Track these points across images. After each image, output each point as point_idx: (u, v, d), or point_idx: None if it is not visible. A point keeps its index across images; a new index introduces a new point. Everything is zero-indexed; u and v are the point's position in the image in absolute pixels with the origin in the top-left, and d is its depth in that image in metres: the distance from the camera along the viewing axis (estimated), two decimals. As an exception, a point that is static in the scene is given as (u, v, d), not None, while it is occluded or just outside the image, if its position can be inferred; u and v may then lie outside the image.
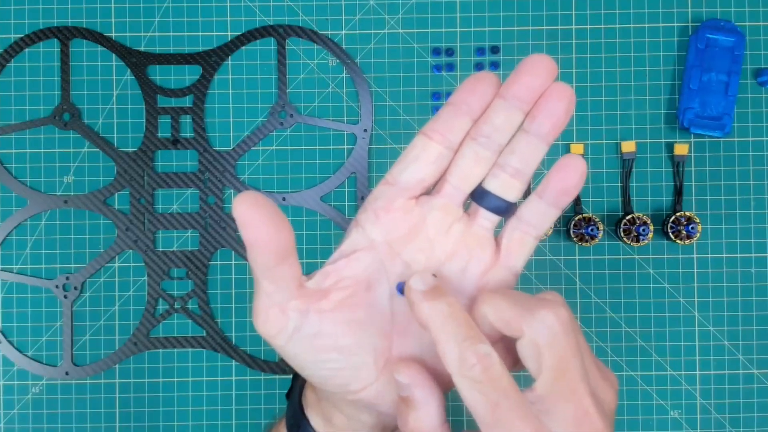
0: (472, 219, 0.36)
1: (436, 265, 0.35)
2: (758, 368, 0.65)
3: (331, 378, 0.34)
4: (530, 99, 0.34)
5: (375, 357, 0.34)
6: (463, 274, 0.35)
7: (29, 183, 0.66)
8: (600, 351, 0.65)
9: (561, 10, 0.66)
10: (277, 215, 0.31)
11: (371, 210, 0.35)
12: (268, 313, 0.33)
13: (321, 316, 0.34)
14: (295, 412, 0.39)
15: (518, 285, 0.33)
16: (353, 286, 0.35)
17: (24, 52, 0.66)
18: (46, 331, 0.65)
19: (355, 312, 0.34)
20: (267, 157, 0.66)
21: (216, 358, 0.65)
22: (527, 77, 0.33)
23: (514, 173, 0.34)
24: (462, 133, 0.35)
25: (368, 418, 0.37)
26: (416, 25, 0.66)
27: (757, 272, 0.65)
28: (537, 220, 0.35)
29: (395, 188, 0.35)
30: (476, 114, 0.35)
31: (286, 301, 0.33)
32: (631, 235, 0.64)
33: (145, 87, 0.66)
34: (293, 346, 0.34)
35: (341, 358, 0.34)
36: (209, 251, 0.66)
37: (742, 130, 0.66)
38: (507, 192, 0.35)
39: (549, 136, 0.34)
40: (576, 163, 0.34)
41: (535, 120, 0.34)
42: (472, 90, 0.34)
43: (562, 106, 0.33)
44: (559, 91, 0.33)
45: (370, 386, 0.35)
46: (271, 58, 0.66)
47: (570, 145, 0.65)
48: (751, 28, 0.66)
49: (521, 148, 0.34)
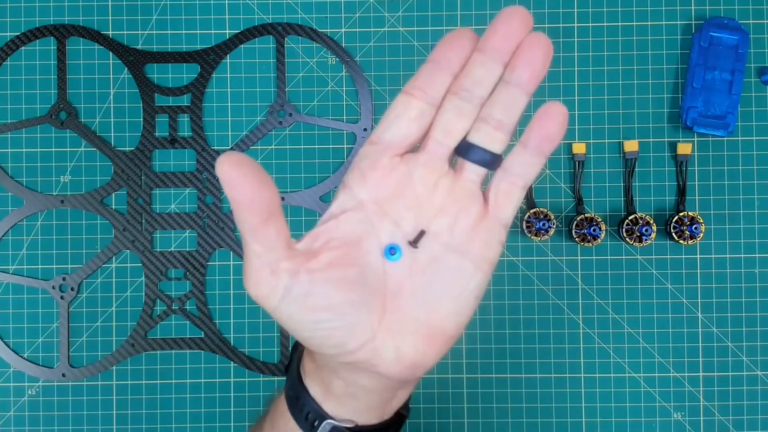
0: (459, 173, 0.36)
1: (425, 221, 0.36)
2: (762, 370, 0.64)
3: (326, 338, 0.35)
4: (508, 50, 0.34)
5: (369, 315, 0.35)
6: (453, 229, 0.36)
7: (25, 183, 0.65)
8: (602, 352, 0.65)
9: (563, 7, 0.66)
10: (260, 174, 0.32)
11: (357, 170, 0.36)
12: (259, 274, 0.34)
13: (312, 276, 0.34)
14: (294, 383, 0.39)
15: (519, 280, 0.33)
16: (343, 247, 0.35)
17: (20, 51, 0.65)
18: (43, 332, 0.65)
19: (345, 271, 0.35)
20: (266, 157, 0.65)
21: (214, 359, 0.65)
22: (503, 28, 0.34)
23: (497, 125, 0.35)
24: (443, 89, 0.35)
25: (367, 382, 0.37)
26: (416, 23, 0.66)
27: (761, 273, 0.65)
28: (523, 170, 0.36)
29: (380, 147, 0.35)
30: (456, 69, 0.35)
31: (276, 261, 0.33)
32: (634, 236, 0.63)
33: (143, 86, 0.65)
34: (286, 307, 0.34)
35: (335, 317, 0.34)
36: (207, 251, 0.65)
37: (745, 129, 0.65)
38: (491, 144, 0.35)
39: (529, 86, 0.34)
40: (557, 110, 0.35)
41: (514, 70, 0.34)
42: (450, 45, 0.35)
43: (539, 53, 0.34)
44: (536, 40, 0.34)
45: (367, 345, 0.35)
46: (270, 57, 0.66)
47: (572, 144, 0.65)
48: (755, 26, 0.65)
49: (502, 99, 0.35)
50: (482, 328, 0.65)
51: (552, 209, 0.64)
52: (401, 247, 0.35)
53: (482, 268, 0.36)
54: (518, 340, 0.65)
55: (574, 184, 0.65)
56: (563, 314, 0.65)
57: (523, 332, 0.65)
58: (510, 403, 0.65)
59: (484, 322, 0.65)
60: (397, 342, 0.35)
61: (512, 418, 0.64)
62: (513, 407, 0.65)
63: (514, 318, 0.65)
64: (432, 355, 0.36)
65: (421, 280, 0.35)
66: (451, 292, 0.35)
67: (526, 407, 0.65)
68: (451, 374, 0.65)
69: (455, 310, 0.36)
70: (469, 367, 0.65)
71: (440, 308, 0.35)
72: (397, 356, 0.35)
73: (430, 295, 0.35)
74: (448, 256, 0.35)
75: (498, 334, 0.65)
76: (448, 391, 0.65)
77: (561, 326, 0.65)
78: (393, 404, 0.39)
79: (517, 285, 0.65)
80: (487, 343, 0.65)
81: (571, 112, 0.65)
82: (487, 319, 0.65)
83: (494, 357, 0.65)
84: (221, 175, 0.31)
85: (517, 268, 0.65)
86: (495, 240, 0.36)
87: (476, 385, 0.65)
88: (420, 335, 0.35)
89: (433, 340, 0.35)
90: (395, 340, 0.35)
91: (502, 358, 0.65)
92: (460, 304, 0.36)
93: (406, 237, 0.35)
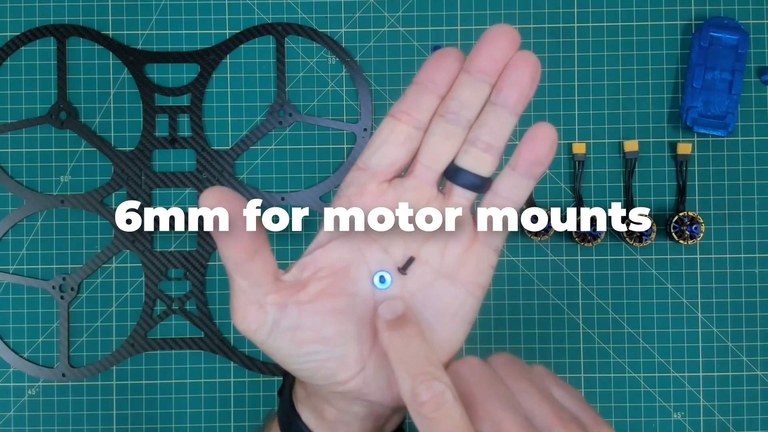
0: (448, 198, 0.35)
1: (415, 247, 0.35)
2: (762, 370, 0.64)
3: (316, 370, 0.34)
4: (495, 71, 0.33)
5: (359, 344, 0.34)
6: (443, 254, 0.35)
7: (25, 182, 0.65)
8: (602, 353, 0.65)
9: (563, 7, 0.66)
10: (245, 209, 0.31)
11: (344, 197, 0.35)
12: (246, 309, 0.33)
13: (300, 308, 0.33)
14: (287, 409, 0.39)
15: (519, 280, 0.33)
16: (332, 276, 0.34)
17: (20, 50, 0.65)
18: (43, 332, 0.65)
19: (335, 301, 0.34)
20: (266, 157, 0.65)
21: (214, 359, 0.65)
22: (489, 49, 0.33)
23: (485, 148, 0.34)
24: (430, 112, 0.34)
25: (359, 409, 0.36)
26: (416, 23, 0.66)
27: (761, 273, 0.65)
28: (512, 193, 0.35)
29: (367, 173, 0.35)
30: (442, 91, 0.34)
31: (262, 295, 0.33)
32: (634, 236, 0.63)
33: (143, 86, 0.65)
34: (274, 341, 0.33)
35: (325, 349, 0.34)
36: (207, 251, 0.65)
37: (745, 129, 0.65)
38: (480, 167, 0.34)
39: (517, 107, 0.33)
40: (546, 132, 0.34)
41: (501, 92, 0.33)
42: (436, 67, 0.34)
43: (527, 74, 0.33)
44: (522, 59, 0.33)
45: (358, 375, 0.34)
46: (270, 57, 0.66)
47: (572, 144, 0.65)
48: (755, 25, 0.65)
49: (490, 121, 0.34)
50: (482, 328, 0.65)
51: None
52: (391, 275, 0.35)
53: (474, 293, 0.35)
54: (518, 340, 0.65)
55: (574, 184, 0.65)
56: (563, 314, 0.65)
57: (523, 332, 0.65)
58: (510, 403, 0.65)
59: (484, 322, 0.65)
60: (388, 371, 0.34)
61: (512, 418, 0.64)
62: (513, 407, 0.65)
63: (514, 318, 0.65)
64: None
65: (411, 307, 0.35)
66: (443, 318, 0.35)
67: (526, 407, 0.64)
68: (451, 374, 0.65)
69: (447, 336, 0.35)
70: (469, 367, 0.65)
71: (432, 335, 0.35)
72: (389, 385, 0.34)
73: (421, 322, 0.35)
74: (439, 282, 0.35)
75: (498, 334, 0.65)
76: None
77: (561, 326, 0.65)
78: (386, 429, 0.38)
79: (517, 285, 0.65)
80: (487, 343, 0.65)
81: (571, 112, 0.65)
82: (487, 319, 0.65)
83: (494, 357, 0.65)
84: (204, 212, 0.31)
85: (517, 268, 0.65)
86: (486, 264, 0.35)
87: (476, 385, 0.65)
88: None
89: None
90: (386, 369, 0.34)
91: (502, 358, 0.65)
92: (452, 330, 0.35)
93: (395, 264, 0.35)
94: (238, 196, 0.31)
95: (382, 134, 0.35)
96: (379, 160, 0.34)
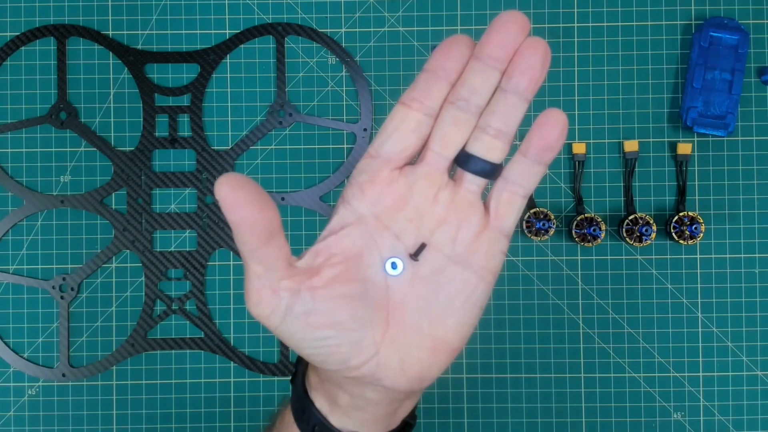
0: (459, 184, 0.35)
1: (426, 234, 0.35)
2: (762, 370, 0.64)
3: (330, 355, 0.34)
4: (505, 57, 0.33)
5: (372, 330, 0.34)
6: (454, 240, 0.35)
7: (25, 182, 0.65)
8: (602, 352, 0.65)
9: (563, 7, 0.66)
10: (260, 195, 0.31)
11: (356, 185, 0.35)
12: (260, 294, 0.33)
13: (313, 293, 0.34)
14: (300, 396, 0.39)
15: (519, 280, 0.33)
16: (344, 262, 0.35)
17: (20, 51, 0.65)
18: (43, 332, 0.65)
19: (348, 287, 0.34)
20: (266, 157, 0.65)
21: (214, 359, 0.65)
22: (499, 35, 0.33)
23: (496, 134, 0.34)
24: (440, 99, 0.35)
25: (373, 395, 0.36)
26: (417, 23, 0.66)
27: (761, 273, 0.65)
28: (523, 178, 0.35)
29: (378, 161, 0.35)
30: (453, 78, 0.34)
31: (276, 281, 0.33)
32: (634, 236, 0.63)
33: (143, 86, 0.65)
34: (287, 326, 0.34)
35: (338, 334, 0.34)
36: (207, 251, 0.65)
37: (745, 129, 0.65)
38: (490, 153, 0.35)
39: (527, 93, 0.34)
40: (556, 118, 0.34)
41: (511, 78, 0.34)
42: (446, 54, 0.34)
43: (537, 60, 0.33)
44: (532, 45, 0.33)
45: (371, 360, 0.34)
46: (270, 57, 0.66)
47: (572, 144, 0.65)
48: (755, 25, 0.65)
49: (501, 107, 0.34)
50: (482, 328, 0.65)
51: (552, 209, 0.64)
52: (403, 261, 0.35)
53: (485, 278, 0.35)
54: (518, 340, 0.65)
55: (574, 184, 0.65)
56: (563, 314, 0.65)
57: (523, 332, 0.65)
58: (510, 403, 0.65)
59: (484, 322, 0.65)
60: (402, 355, 0.35)
61: (512, 418, 0.64)
62: (513, 407, 0.65)
63: (514, 318, 0.65)
64: (437, 367, 0.35)
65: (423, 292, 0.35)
66: (455, 303, 0.35)
67: (526, 407, 0.65)
68: (451, 374, 0.65)
69: (459, 322, 0.35)
70: (469, 367, 0.65)
71: (444, 320, 0.35)
72: (402, 369, 0.35)
73: (434, 307, 0.35)
74: (451, 267, 0.35)
75: (498, 334, 0.65)
76: (448, 391, 0.65)
77: (561, 326, 0.65)
78: (399, 414, 0.39)
79: (517, 285, 0.65)
80: (487, 343, 0.65)
81: (571, 112, 0.65)
82: (487, 319, 0.65)
83: (494, 357, 0.65)
84: (220, 198, 0.31)
85: (517, 268, 0.65)
86: (497, 250, 0.35)
87: (476, 385, 0.65)
88: (424, 348, 0.35)
89: (437, 352, 0.35)
90: (399, 353, 0.35)
91: (502, 358, 0.65)
92: (463, 316, 0.35)
93: (407, 250, 0.35)
94: (253, 182, 0.31)
95: (393, 121, 0.35)
96: (390, 147, 0.35)
